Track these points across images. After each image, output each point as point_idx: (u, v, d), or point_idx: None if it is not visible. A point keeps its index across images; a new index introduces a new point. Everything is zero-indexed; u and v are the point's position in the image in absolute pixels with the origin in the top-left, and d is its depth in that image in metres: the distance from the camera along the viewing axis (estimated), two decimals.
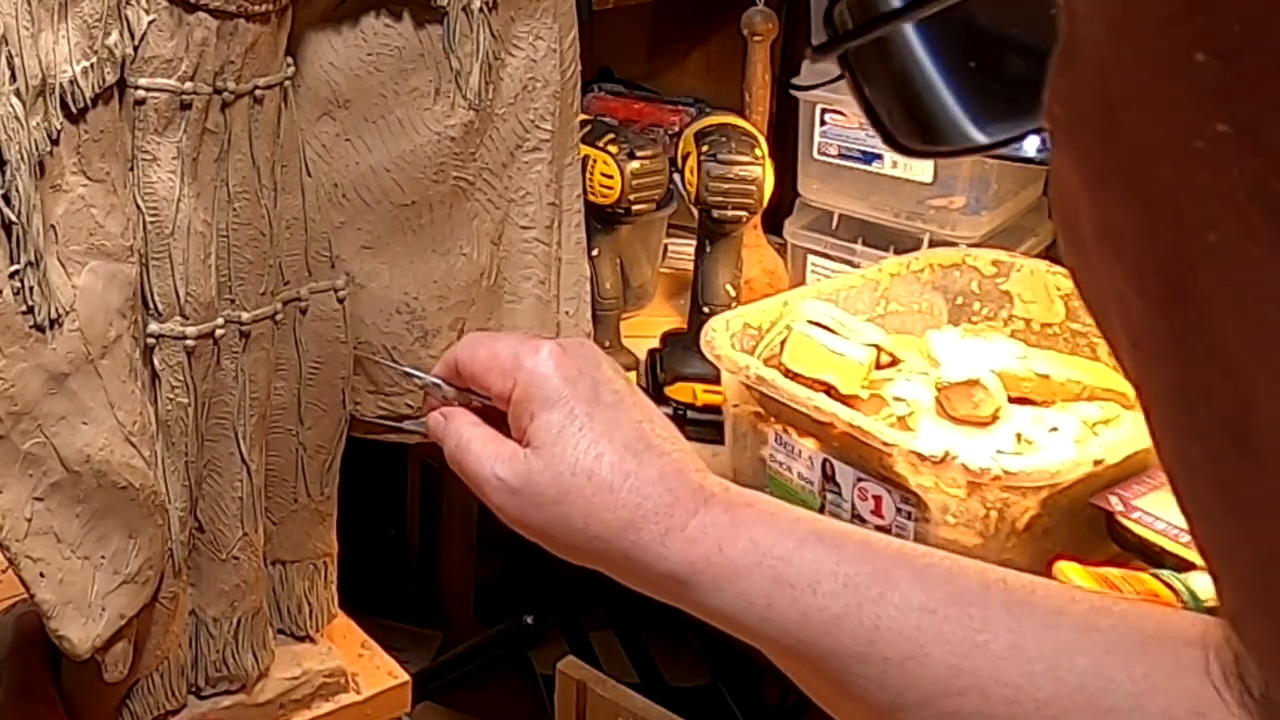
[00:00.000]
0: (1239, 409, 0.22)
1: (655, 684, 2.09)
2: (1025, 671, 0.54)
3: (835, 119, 1.69)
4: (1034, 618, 0.55)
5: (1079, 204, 0.24)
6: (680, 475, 0.63)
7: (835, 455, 1.23)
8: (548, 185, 0.93)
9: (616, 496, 0.62)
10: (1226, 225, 0.21)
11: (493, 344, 0.69)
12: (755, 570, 0.59)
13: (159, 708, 0.92)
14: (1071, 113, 0.24)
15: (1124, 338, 0.25)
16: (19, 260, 0.72)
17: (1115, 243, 0.23)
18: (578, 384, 0.65)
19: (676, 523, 0.61)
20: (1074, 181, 0.24)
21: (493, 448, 0.66)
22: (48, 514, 0.76)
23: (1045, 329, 1.46)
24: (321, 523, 0.96)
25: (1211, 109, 0.21)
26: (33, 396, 0.74)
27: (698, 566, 0.60)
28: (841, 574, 0.58)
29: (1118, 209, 0.23)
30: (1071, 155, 0.24)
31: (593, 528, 0.62)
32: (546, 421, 0.64)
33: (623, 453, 0.63)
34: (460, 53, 0.86)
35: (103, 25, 0.74)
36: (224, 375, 0.85)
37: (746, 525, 0.61)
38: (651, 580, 0.62)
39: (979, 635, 0.55)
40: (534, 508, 0.64)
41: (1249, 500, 0.23)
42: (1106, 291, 0.24)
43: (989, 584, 0.57)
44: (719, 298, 1.55)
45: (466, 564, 2.29)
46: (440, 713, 2.12)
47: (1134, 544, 1.16)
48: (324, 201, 0.88)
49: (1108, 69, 0.22)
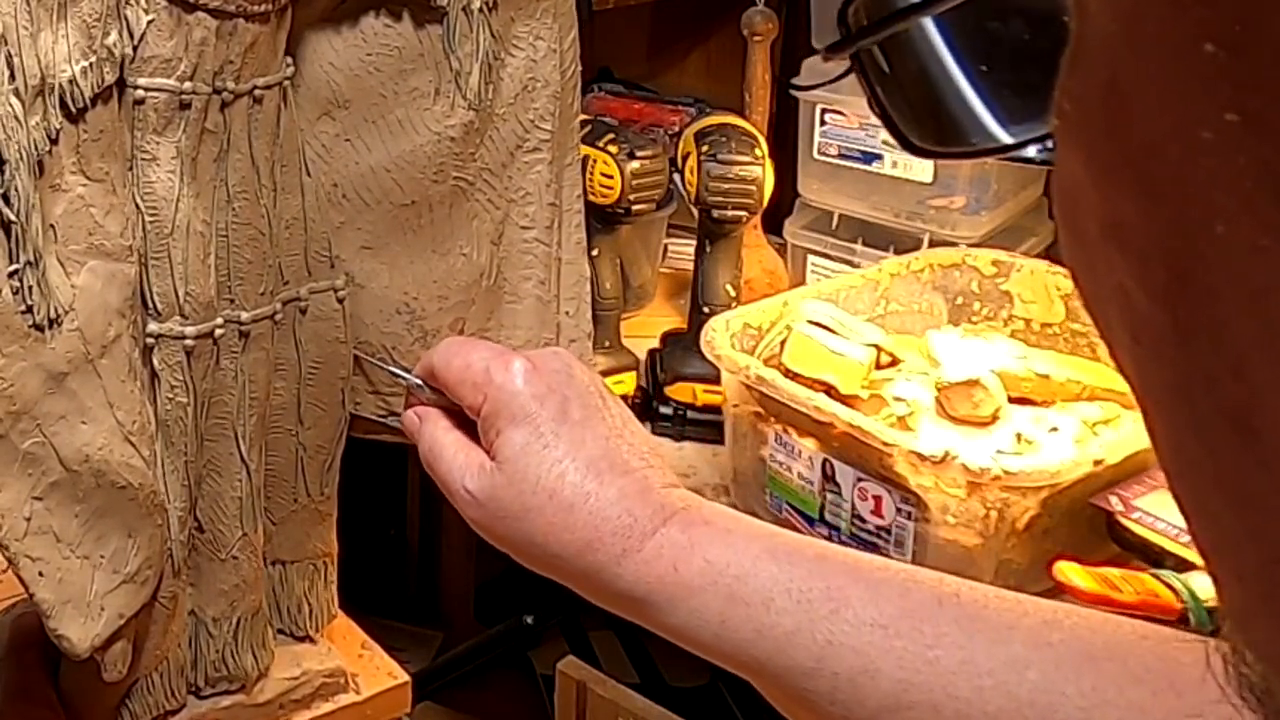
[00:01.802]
0: (1244, 401, 0.22)
1: (655, 684, 2.09)
2: (976, 686, 0.54)
3: (835, 119, 1.69)
4: (985, 633, 0.56)
5: (1085, 200, 0.24)
6: (641, 495, 0.64)
7: (835, 455, 1.23)
8: (548, 185, 0.93)
9: (575, 517, 0.63)
10: (1234, 215, 0.21)
11: (467, 354, 0.69)
12: (709, 589, 0.60)
13: (158, 708, 0.92)
14: (1080, 109, 0.24)
15: (1125, 335, 0.24)
16: (18, 260, 0.72)
17: (1121, 238, 0.23)
18: (546, 401, 0.66)
19: (633, 544, 0.62)
20: (1081, 178, 0.24)
21: (463, 458, 0.68)
22: (47, 513, 0.76)
23: (1045, 329, 1.46)
24: (321, 523, 0.96)
25: (1220, 98, 0.21)
26: (32, 396, 0.74)
27: (653, 586, 0.61)
28: (795, 590, 0.59)
29: (1125, 203, 0.23)
30: (1080, 151, 0.24)
31: (552, 546, 0.64)
32: (512, 438, 0.65)
33: (585, 472, 0.64)
34: (460, 53, 0.86)
35: (102, 25, 0.74)
36: (223, 375, 0.85)
37: (702, 545, 0.61)
38: (610, 598, 0.63)
39: (930, 651, 0.56)
40: (498, 521, 0.65)
41: (1253, 494, 0.23)
42: (1108, 288, 0.24)
43: (942, 598, 0.57)
44: (719, 298, 1.55)
45: (466, 564, 2.29)
46: (440, 713, 2.12)
47: (1134, 544, 1.16)
48: (324, 201, 0.88)
49: (1117, 62, 0.23)
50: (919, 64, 0.34)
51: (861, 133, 1.66)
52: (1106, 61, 0.23)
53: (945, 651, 0.55)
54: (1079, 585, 1.06)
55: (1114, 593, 1.06)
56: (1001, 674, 0.54)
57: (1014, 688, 0.54)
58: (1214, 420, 0.23)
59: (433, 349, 0.72)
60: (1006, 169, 1.62)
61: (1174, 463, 0.25)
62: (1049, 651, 0.54)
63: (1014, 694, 0.54)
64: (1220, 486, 0.24)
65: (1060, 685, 0.53)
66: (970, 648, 0.55)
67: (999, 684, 0.54)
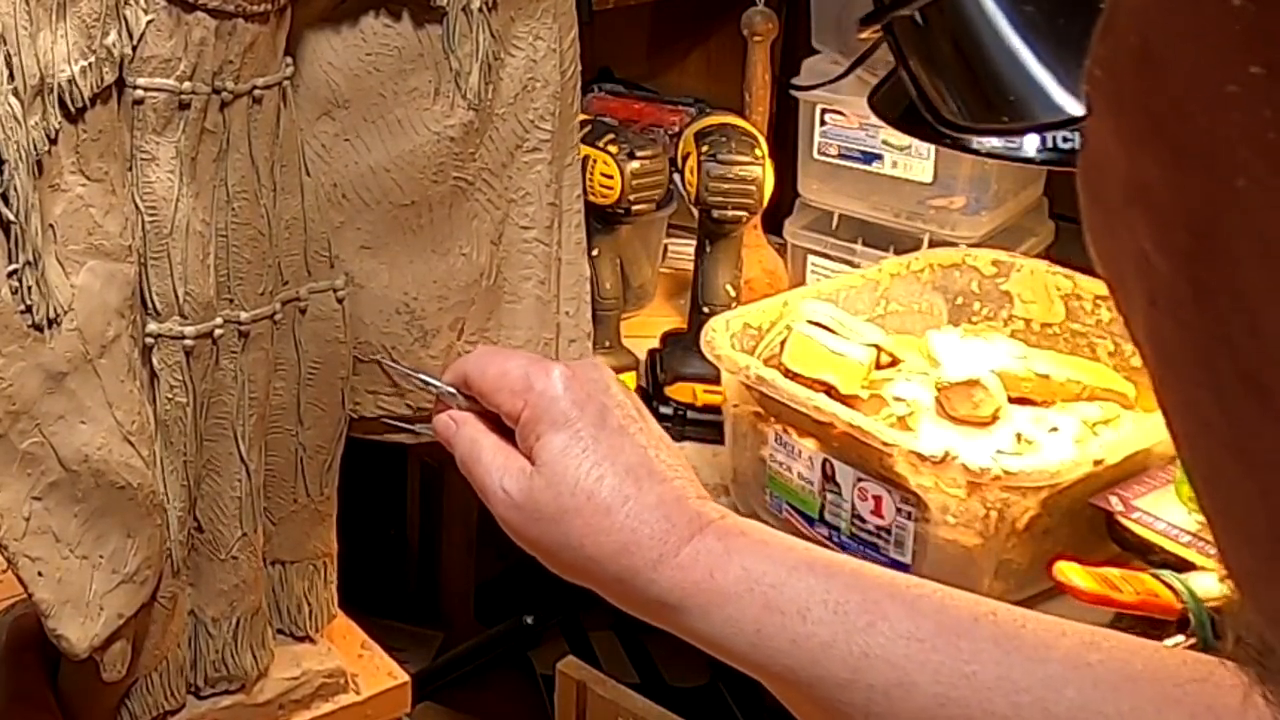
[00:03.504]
0: (1261, 362, 0.23)
1: (655, 684, 2.09)
2: (1013, 703, 0.54)
3: (835, 119, 1.69)
4: (1023, 650, 0.55)
5: (1111, 168, 0.25)
6: (678, 502, 0.64)
7: (835, 455, 1.23)
8: (548, 185, 0.93)
9: (613, 520, 0.63)
10: (1256, 169, 0.22)
11: (503, 362, 0.69)
12: (745, 596, 0.60)
13: (157, 708, 0.91)
14: (1111, 74, 0.25)
15: (1142, 301, 0.25)
16: (17, 260, 0.72)
17: (1145, 201, 0.24)
18: (586, 408, 0.66)
19: (670, 549, 0.62)
20: (1109, 145, 0.25)
21: (501, 459, 0.67)
22: (46, 513, 0.76)
23: (1045, 329, 1.46)
24: (321, 523, 0.96)
25: (1246, 52, 0.21)
26: (31, 396, 0.74)
27: (688, 592, 0.61)
28: (831, 602, 0.59)
29: (1151, 166, 0.24)
30: (1109, 118, 0.25)
31: (588, 549, 0.64)
32: (552, 442, 0.66)
33: (624, 477, 0.64)
34: (460, 53, 0.86)
35: (101, 25, 0.74)
36: (223, 375, 0.85)
37: (739, 553, 0.61)
38: (642, 604, 0.64)
39: (967, 666, 0.56)
40: (534, 523, 0.65)
41: (1268, 456, 0.23)
42: (1128, 254, 0.25)
43: (979, 616, 0.57)
44: (719, 298, 1.55)
45: (466, 564, 2.29)
46: (440, 713, 2.12)
47: (1134, 544, 1.16)
48: (323, 201, 0.88)
49: (1147, 25, 0.23)
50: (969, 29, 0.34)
51: (861, 133, 1.66)
52: (1137, 25, 0.24)
53: (982, 667, 0.55)
54: (1079, 585, 1.06)
55: (1114, 593, 1.05)
56: (1039, 691, 0.54)
57: (1051, 705, 0.54)
58: (1229, 381, 0.23)
59: (465, 357, 0.72)
60: (1007, 169, 1.62)
61: (1186, 427, 0.25)
62: (1088, 671, 0.54)
63: (1051, 712, 0.54)
64: (1233, 448, 0.24)
65: (1098, 705, 0.53)
66: (1008, 664, 0.55)
67: (1036, 701, 0.54)
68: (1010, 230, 1.68)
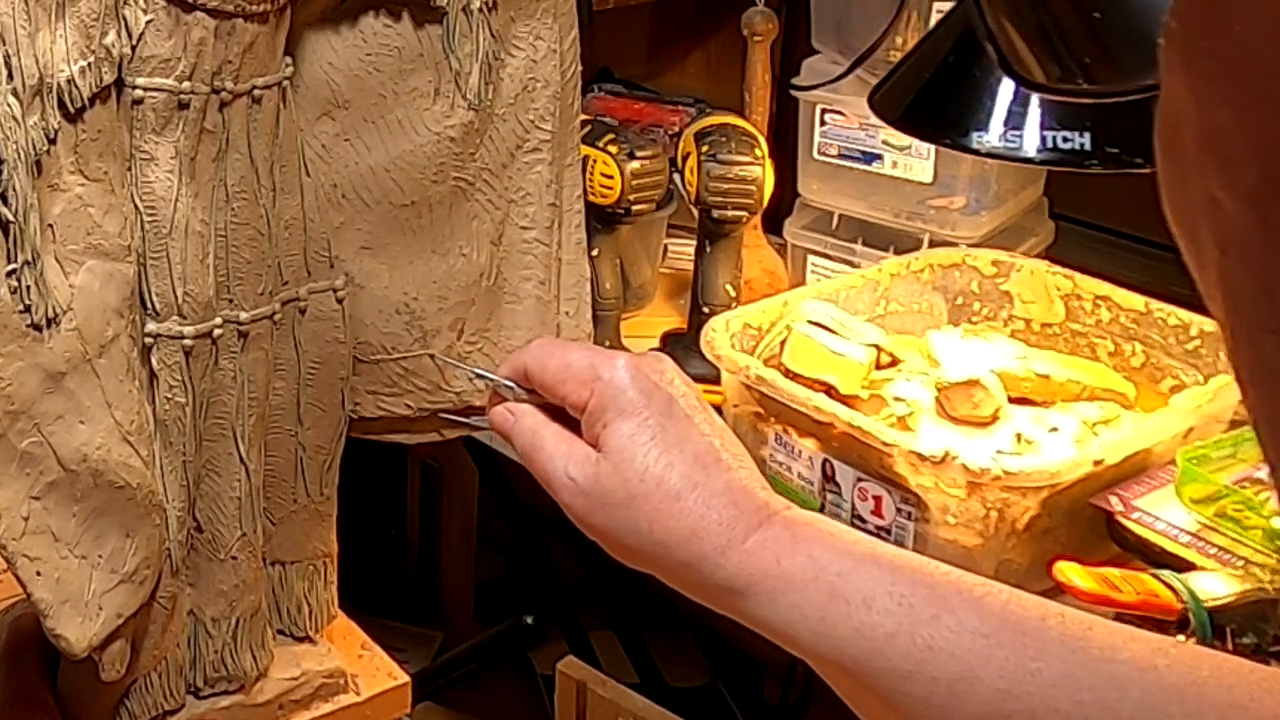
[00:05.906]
0: None
1: (655, 684, 2.09)
2: (1076, 701, 0.54)
3: (835, 119, 1.69)
4: (1089, 651, 0.55)
5: (1185, 119, 0.26)
6: (745, 491, 0.65)
7: (835, 455, 1.23)
8: (548, 185, 0.93)
9: (683, 505, 0.64)
10: None
11: (565, 354, 0.70)
12: (811, 585, 0.60)
13: (157, 708, 0.91)
14: (1184, 23, 0.26)
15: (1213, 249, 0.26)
16: (16, 259, 0.72)
17: (1216, 147, 0.25)
18: (653, 396, 0.67)
19: (738, 535, 0.63)
20: (1183, 98, 0.26)
21: (565, 447, 0.68)
22: (45, 513, 0.76)
23: (1045, 329, 1.46)
24: (321, 523, 0.96)
25: None
26: (30, 395, 0.74)
27: (755, 578, 0.62)
28: (897, 593, 0.59)
29: (1222, 109, 0.25)
30: (1182, 70, 0.26)
31: (657, 534, 0.64)
32: (620, 428, 0.66)
33: (692, 464, 0.65)
34: (460, 53, 0.86)
35: (100, 24, 0.74)
36: (222, 375, 0.85)
37: (806, 542, 0.62)
38: (707, 590, 0.64)
39: (1032, 663, 0.56)
40: (600, 509, 0.66)
41: None
42: (1199, 202, 0.26)
43: (1045, 616, 0.57)
44: (719, 298, 1.55)
45: (466, 564, 2.29)
46: (440, 713, 2.12)
47: (1134, 544, 1.16)
48: (323, 202, 0.88)
49: None
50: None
51: (861, 133, 1.66)
52: None
53: (1047, 664, 0.55)
54: (1079, 585, 1.06)
55: (1114, 593, 1.05)
56: (1103, 690, 0.54)
57: (1115, 705, 0.53)
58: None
59: (522, 350, 0.72)
60: (1006, 169, 1.62)
61: (1253, 370, 0.26)
62: (1154, 675, 0.54)
63: (1115, 711, 0.53)
64: None
65: (1164, 706, 0.53)
66: (1073, 663, 0.55)
67: (1100, 699, 0.54)
68: (1010, 230, 1.68)
